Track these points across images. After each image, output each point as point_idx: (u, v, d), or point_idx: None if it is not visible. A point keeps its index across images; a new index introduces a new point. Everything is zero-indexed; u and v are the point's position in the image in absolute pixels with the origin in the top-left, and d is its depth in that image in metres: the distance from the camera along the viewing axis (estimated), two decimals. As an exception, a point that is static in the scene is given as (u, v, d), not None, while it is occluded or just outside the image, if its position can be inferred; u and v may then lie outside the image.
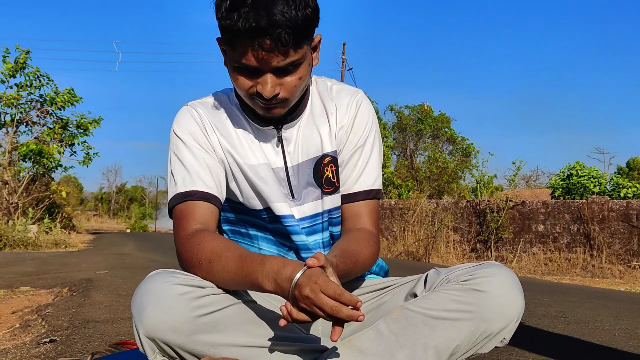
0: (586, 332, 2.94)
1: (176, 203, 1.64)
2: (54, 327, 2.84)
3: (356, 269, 1.58)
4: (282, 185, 1.72)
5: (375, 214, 1.75)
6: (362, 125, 1.76)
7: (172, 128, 1.73)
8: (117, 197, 69.29)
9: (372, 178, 1.75)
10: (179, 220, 1.63)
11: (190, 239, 1.57)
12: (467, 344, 1.58)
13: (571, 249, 10.11)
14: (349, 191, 1.74)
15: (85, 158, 17.43)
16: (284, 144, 1.72)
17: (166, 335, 1.47)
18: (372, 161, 1.76)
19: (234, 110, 1.74)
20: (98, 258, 8.34)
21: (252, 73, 1.55)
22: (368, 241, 1.65)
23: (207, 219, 1.62)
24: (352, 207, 1.74)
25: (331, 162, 1.74)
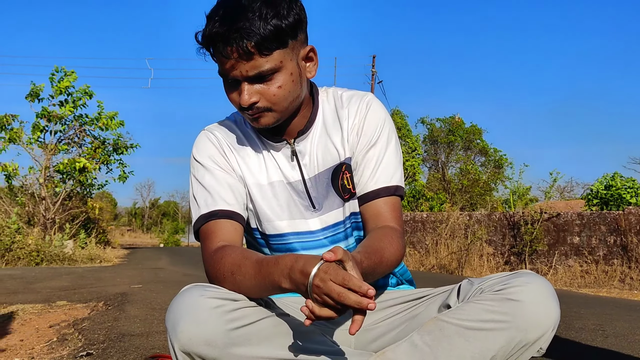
0: (625, 346, 2.89)
1: (200, 225, 1.67)
2: (91, 341, 2.87)
3: (381, 265, 1.57)
4: (302, 198, 1.73)
5: (397, 211, 1.73)
6: (372, 125, 1.77)
7: (192, 154, 1.77)
8: (150, 212, 70.03)
9: (389, 175, 1.74)
10: (203, 241, 1.66)
11: (213, 256, 1.59)
12: (502, 355, 1.56)
13: (608, 261, 9.93)
14: (366, 190, 1.72)
15: (121, 175, 17.69)
16: (298, 157, 1.74)
17: (201, 349, 1.48)
18: (387, 158, 1.75)
19: (248, 130, 1.78)
20: (132, 272, 8.42)
21: (233, 84, 1.60)
22: (391, 237, 1.63)
23: (230, 236, 1.64)
24: (371, 206, 1.72)
25: (346, 169, 1.75)
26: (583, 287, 8.90)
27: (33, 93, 15.84)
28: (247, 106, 1.58)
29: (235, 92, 1.60)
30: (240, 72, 1.55)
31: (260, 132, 1.74)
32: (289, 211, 1.73)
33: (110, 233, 23.78)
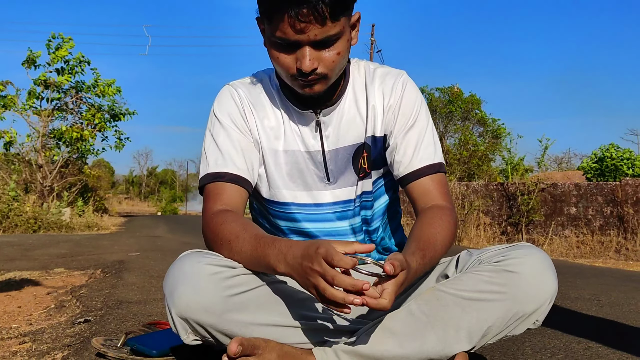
0: (620, 315, 2.91)
1: (206, 182, 1.67)
2: (88, 308, 2.88)
3: (436, 254, 1.56)
4: (318, 169, 1.72)
5: (444, 187, 1.72)
6: (410, 105, 1.75)
7: (212, 106, 1.75)
8: (147, 181, 70.01)
9: (431, 153, 1.73)
10: (206, 200, 1.66)
11: (213, 218, 1.59)
12: (499, 326, 1.57)
13: (604, 231, 9.97)
14: (412, 169, 1.71)
15: (118, 143, 17.62)
16: (322, 128, 1.71)
17: (198, 315, 1.48)
18: (427, 137, 1.74)
19: (274, 92, 1.75)
20: (130, 240, 8.44)
21: (291, 48, 1.55)
22: (442, 218, 1.62)
23: (234, 201, 1.64)
24: (418, 185, 1.71)
25: (366, 149, 1.74)
26: (579, 257, 8.95)
27: (30, 60, 15.71)
28: (308, 71, 1.54)
29: (291, 57, 1.56)
30: (307, 36, 1.51)
31: (288, 98, 1.72)
32: (301, 181, 1.73)
33: (107, 201, 23.80)
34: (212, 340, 1.54)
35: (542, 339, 2.26)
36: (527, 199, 10.64)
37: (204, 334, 1.52)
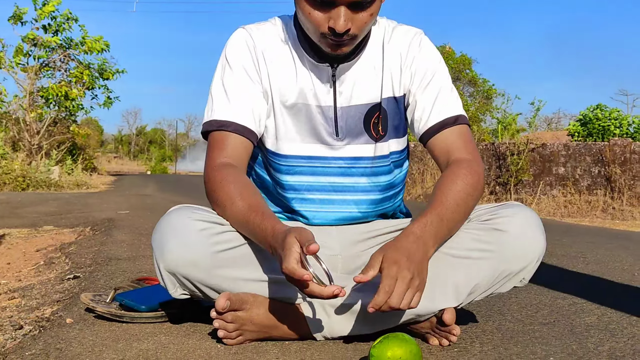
0: (605, 272, 2.94)
1: (211, 129, 1.64)
2: (78, 265, 2.88)
3: (465, 214, 1.55)
4: (328, 124, 1.69)
5: (467, 139, 1.68)
6: (427, 63, 1.71)
7: (224, 50, 1.70)
8: (136, 140, 69.65)
9: (451, 106, 1.69)
10: (210, 149, 1.63)
11: (214, 173, 1.58)
12: (486, 284, 1.59)
13: (592, 191, 10.04)
14: (431, 124, 1.67)
15: (106, 101, 17.47)
16: (336, 84, 1.68)
17: (187, 270, 1.49)
18: (445, 93, 1.70)
19: (291, 42, 1.70)
20: (119, 199, 8.42)
21: (326, 6, 1.51)
22: (465, 174, 1.58)
23: (238, 153, 1.62)
24: (439, 139, 1.67)
25: (379, 110, 1.71)
26: (566, 216, 9.03)
27: (16, 16, 15.45)
28: (342, 32, 1.51)
29: (324, 15, 1.52)
30: None
31: (304, 49, 1.68)
32: (308, 134, 1.70)
33: (96, 160, 23.69)
34: (200, 295, 1.55)
35: (528, 295, 2.28)
36: (517, 159, 10.66)
37: (192, 289, 1.53)
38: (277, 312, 1.55)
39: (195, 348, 1.52)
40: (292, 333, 1.57)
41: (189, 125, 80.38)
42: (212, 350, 1.50)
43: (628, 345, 1.64)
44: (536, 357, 1.51)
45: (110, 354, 1.45)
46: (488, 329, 1.77)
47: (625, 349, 1.60)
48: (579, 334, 1.75)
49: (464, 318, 1.84)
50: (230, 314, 1.48)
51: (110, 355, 1.44)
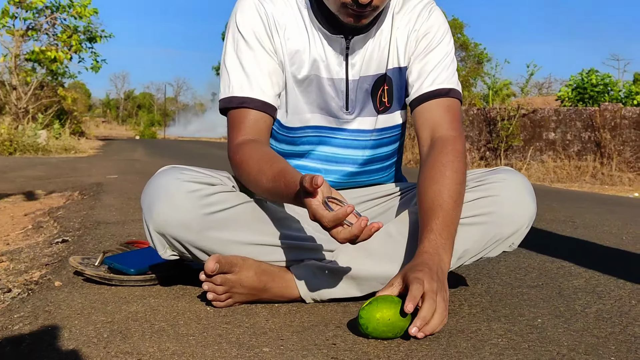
0: (594, 236, 2.96)
1: (231, 107, 1.59)
2: (66, 228, 2.87)
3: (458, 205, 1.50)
4: (338, 97, 1.66)
5: (455, 114, 1.63)
6: (433, 30, 1.66)
7: (234, 18, 1.63)
8: (125, 104, 69.15)
9: (447, 77, 1.65)
10: (231, 128, 1.60)
11: (237, 151, 1.55)
12: (476, 248, 1.59)
13: (581, 156, 10.08)
14: (424, 91, 1.63)
15: (94, 65, 17.28)
16: (349, 56, 1.64)
17: (176, 232, 1.48)
18: (445, 63, 1.66)
19: (304, 12, 1.64)
20: (108, 163, 8.39)
21: None
22: (451, 156, 1.54)
23: (259, 129, 1.58)
24: (426, 109, 1.63)
25: (386, 81, 1.68)
26: (556, 182, 9.07)
27: (1, -24, 15.17)
28: (366, 3, 1.46)
29: None
30: None
31: (318, 20, 1.62)
32: (319, 107, 1.66)
33: (84, 124, 23.51)
34: (190, 256, 1.54)
35: (517, 258, 2.29)
36: (507, 124, 10.66)
37: (182, 250, 1.52)
38: (267, 275, 1.54)
39: (185, 310, 1.52)
40: (281, 295, 1.57)
41: (177, 90, 79.85)
42: (202, 313, 1.50)
43: (615, 307, 1.65)
44: (524, 319, 1.51)
45: (99, 317, 1.45)
46: (477, 292, 1.78)
47: (612, 310, 1.61)
48: (567, 296, 1.76)
49: (453, 281, 1.84)
50: (219, 276, 1.48)
51: (100, 318, 1.44)
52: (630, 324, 1.49)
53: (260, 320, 1.45)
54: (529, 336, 1.37)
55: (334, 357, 1.21)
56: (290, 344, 1.28)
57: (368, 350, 1.25)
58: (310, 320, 1.46)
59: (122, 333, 1.33)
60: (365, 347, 1.27)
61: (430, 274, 1.31)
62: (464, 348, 1.28)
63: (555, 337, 1.37)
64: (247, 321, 1.44)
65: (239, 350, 1.24)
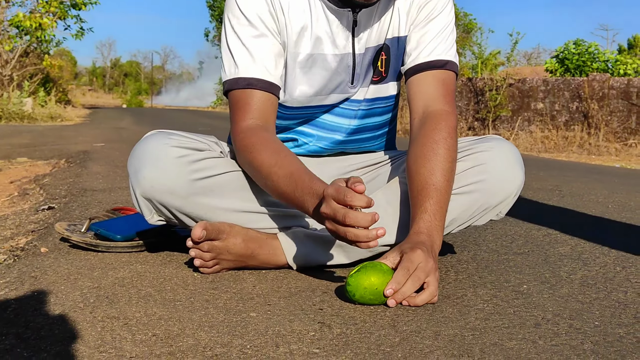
0: (580, 205, 2.98)
1: (237, 88, 1.54)
2: (52, 196, 2.85)
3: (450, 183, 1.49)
4: (346, 73, 1.63)
5: (449, 87, 1.61)
6: (435, 1, 1.63)
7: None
8: (111, 72, 68.49)
9: (445, 49, 1.62)
10: (235, 110, 1.54)
11: (243, 137, 1.50)
12: (463, 217, 1.59)
13: (569, 127, 10.10)
14: (421, 61, 1.61)
15: (79, 32, 17.05)
16: (355, 30, 1.60)
17: (163, 197, 1.47)
18: (445, 34, 1.63)
19: None
20: (95, 132, 8.33)
21: None
22: (444, 133, 1.52)
23: (266, 112, 1.54)
24: (421, 79, 1.61)
25: (383, 49, 1.66)
26: (543, 152, 9.10)
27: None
28: None
29: None
30: None
31: None
32: (322, 87, 1.63)
33: (71, 92, 23.29)
34: (177, 222, 1.54)
35: (503, 226, 2.31)
36: (495, 95, 10.65)
37: (169, 215, 1.51)
38: (254, 242, 1.54)
39: (172, 276, 1.52)
40: (268, 262, 1.57)
41: (164, 58, 79.11)
42: (189, 279, 1.50)
43: (600, 273, 1.67)
44: (510, 285, 1.53)
45: (85, 282, 1.45)
46: (463, 259, 1.79)
47: (597, 277, 1.63)
48: (553, 263, 1.77)
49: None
50: (206, 243, 1.47)
51: (86, 284, 1.44)
52: (614, 290, 1.50)
53: (247, 286, 1.45)
54: (514, 302, 1.38)
55: (320, 322, 1.21)
56: (277, 309, 1.29)
57: (355, 315, 1.26)
58: (297, 286, 1.46)
59: (108, 298, 1.33)
60: (351, 312, 1.28)
61: (427, 254, 1.33)
62: (450, 313, 1.29)
63: (541, 302, 1.38)
64: (234, 287, 1.44)
65: (226, 315, 1.24)
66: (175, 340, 1.10)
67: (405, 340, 1.13)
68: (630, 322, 1.26)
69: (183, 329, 1.16)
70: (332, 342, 1.11)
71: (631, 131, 9.73)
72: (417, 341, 1.12)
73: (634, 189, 3.81)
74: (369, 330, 1.17)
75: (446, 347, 1.09)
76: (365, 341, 1.12)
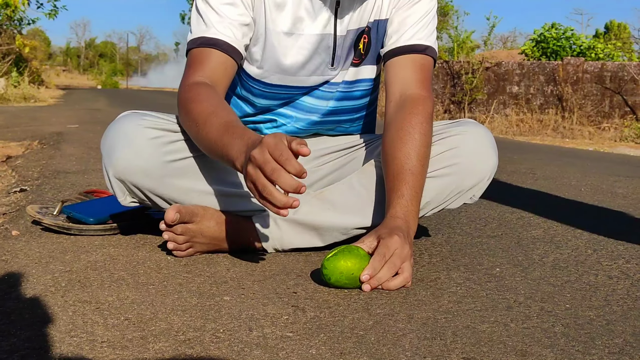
0: (554, 188, 3.01)
1: (197, 46, 1.51)
2: (25, 178, 2.82)
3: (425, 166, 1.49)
4: (326, 54, 1.61)
5: (427, 73, 1.61)
6: None
7: None
8: (86, 53, 67.59)
9: (426, 34, 1.62)
10: (190, 65, 1.52)
11: (188, 90, 1.47)
12: (437, 200, 1.60)
13: (544, 110, 10.18)
14: (401, 44, 1.60)
15: (52, 11, 16.76)
16: (338, 11, 1.58)
17: (136, 178, 1.46)
18: (426, 19, 1.63)
19: None
20: (69, 113, 8.23)
21: None
22: (420, 117, 1.52)
23: (218, 73, 1.50)
24: (399, 63, 1.60)
25: (365, 32, 1.64)
26: (518, 135, 9.17)
27: None
28: None
29: None
30: None
31: None
32: (301, 66, 1.61)
33: (45, 73, 22.94)
34: (150, 203, 1.53)
35: (477, 209, 2.32)
36: (472, 78, 10.69)
37: (142, 197, 1.50)
38: (228, 225, 1.54)
39: (145, 260, 1.51)
40: (242, 245, 1.57)
41: (140, 39, 78.20)
42: (162, 262, 1.49)
43: (572, 256, 1.68)
44: (483, 267, 1.54)
45: (57, 266, 1.43)
46: (437, 242, 1.80)
47: (569, 259, 1.65)
48: (525, 246, 1.79)
49: (414, 231, 1.86)
50: (180, 226, 1.46)
51: (58, 267, 1.42)
52: (585, 273, 1.52)
53: (221, 269, 1.45)
54: (487, 285, 1.40)
55: (294, 305, 1.21)
56: (251, 293, 1.28)
57: (328, 299, 1.26)
58: (271, 269, 1.46)
59: (80, 282, 1.32)
60: (325, 296, 1.28)
61: (404, 240, 1.34)
62: (423, 296, 1.30)
63: (513, 285, 1.40)
64: (207, 270, 1.43)
65: (199, 299, 1.23)
66: (148, 325, 1.09)
67: (379, 323, 1.13)
68: (600, 305, 1.28)
69: (155, 313, 1.15)
70: (305, 326, 1.11)
71: (604, 115, 9.84)
72: (390, 324, 1.13)
73: (606, 172, 3.85)
74: (343, 314, 1.18)
75: (419, 330, 1.10)
76: (339, 324, 1.12)
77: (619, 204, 2.60)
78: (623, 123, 9.50)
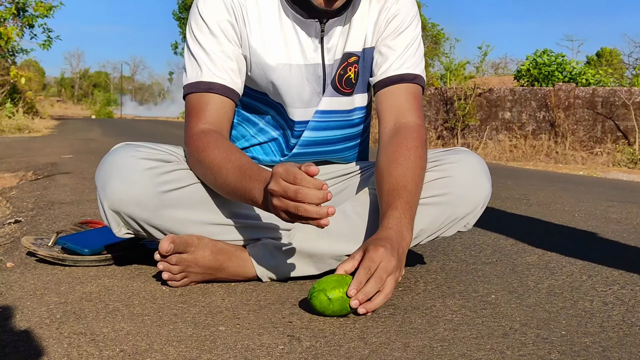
0: (547, 213, 3.02)
1: (196, 91, 1.54)
2: (19, 209, 2.81)
3: (419, 188, 1.51)
4: (316, 83, 1.63)
5: (418, 101, 1.63)
6: (404, 13, 1.65)
7: (196, 5, 1.56)
8: (80, 83, 67.79)
9: (414, 62, 1.64)
10: (191, 114, 1.54)
11: (196, 140, 1.49)
12: (431, 228, 1.60)
13: (536, 135, 10.24)
14: (391, 74, 1.62)
15: (46, 41, 16.82)
16: (324, 40, 1.61)
17: (131, 210, 1.46)
18: (413, 47, 1.65)
19: None
20: (63, 143, 8.23)
21: None
22: (417, 142, 1.55)
23: (220, 117, 1.53)
24: (391, 92, 1.63)
25: (356, 62, 1.66)
26: (511, 160, 9.21)
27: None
28: None
29: None
30: None
31: (290, 5, 1.57)
32: (289, 97, 1.63)
33: (39, 103, 22.98)
34: (145, 235, 1.53)
35: (472, 236, 2.33)
36: (464, 104, 10.76)
37: (137, 228, 1.50)
38: (223, 254, 1.54)
39: (140, 290, 1.50)
40: (237, 275, 1.57)
41: (134, 69, 78.56)
42: (157, 292, 1.49)
43: (566, 282, 1.69)
44: (478, 295, 1.54)
45: (52, 297, 1.43)
46: (432, 269, 1.80)
47: (564, 286, 1.65)
48: (520, 272, 1.79)
49: (409, 258, 1.86)
50: (174, 256, 1.46)
51: (53, 299, 1.42)
52: (580, 299, 1.52)
53: (216, 299, 1.45)
54: (482, 312, 1.40)
55: (290, 335, 1.21)
56: (247, 323, 1.28)
57: (324, 328, 1.26)
58: (266, 298, 1.46)
59: (75, 314, 1.31)
60: (321, 325, 1.28)
61: (391, 251, 1.33)
62: (419, 324, 1.30)
63: (508, 312, 1.40)
64: (203, 300, 1.43)
65: (194, 329, 1.23)
66: (143, 356, 1.09)
67: (375, 352, 1.13)
68: (596, 331, 1.28)
69: (151, 344, 1.15)
70: (301, 356, 1.11)
71: (597, 140, 9.90)
72: (386, 353, 1.13)
73: (599, 197, 3.87)
74: (339, 343, 1.17)
75: (415, 359, 1.10)
76: (335, 354, 1.12)
77: (613, 229, 2.61)
78: (615, 148, 9.55)
